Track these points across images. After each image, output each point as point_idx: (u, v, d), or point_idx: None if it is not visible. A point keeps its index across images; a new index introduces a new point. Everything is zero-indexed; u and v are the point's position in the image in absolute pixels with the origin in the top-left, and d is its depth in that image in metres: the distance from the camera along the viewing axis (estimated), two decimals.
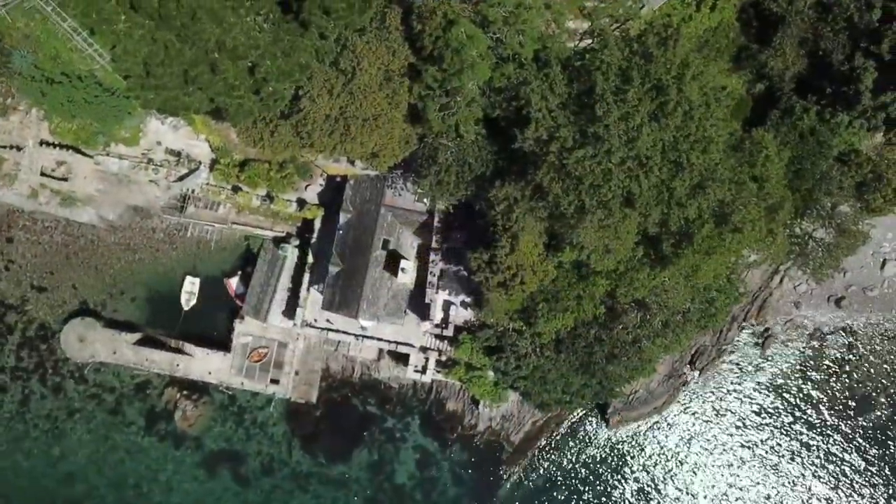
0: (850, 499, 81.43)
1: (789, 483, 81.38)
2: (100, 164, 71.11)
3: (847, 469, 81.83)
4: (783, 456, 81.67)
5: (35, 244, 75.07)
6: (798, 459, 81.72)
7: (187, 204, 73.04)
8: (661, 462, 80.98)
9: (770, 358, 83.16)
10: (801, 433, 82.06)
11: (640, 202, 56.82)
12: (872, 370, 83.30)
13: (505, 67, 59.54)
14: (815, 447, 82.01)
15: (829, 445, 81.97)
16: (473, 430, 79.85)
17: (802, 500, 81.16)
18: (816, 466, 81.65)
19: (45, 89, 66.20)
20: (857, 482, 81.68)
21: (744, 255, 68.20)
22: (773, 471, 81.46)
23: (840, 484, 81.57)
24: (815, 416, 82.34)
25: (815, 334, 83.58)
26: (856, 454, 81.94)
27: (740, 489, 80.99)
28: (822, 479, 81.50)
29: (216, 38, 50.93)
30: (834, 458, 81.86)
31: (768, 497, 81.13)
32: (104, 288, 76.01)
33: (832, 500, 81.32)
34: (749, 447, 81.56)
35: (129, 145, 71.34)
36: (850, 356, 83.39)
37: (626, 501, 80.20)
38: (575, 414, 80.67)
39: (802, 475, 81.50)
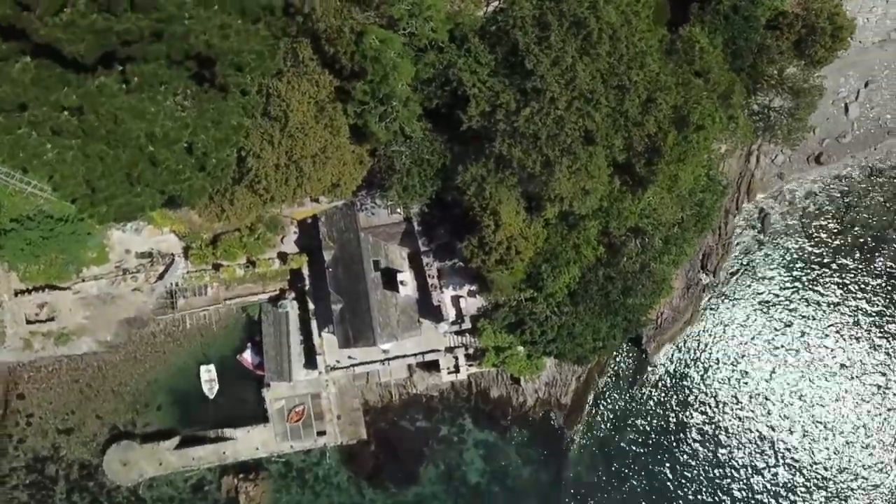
0: (887, 348, 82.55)
1: (834, 343, 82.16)
2: (79, 293, 70.68)
3: (880, 317, 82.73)
4: (817, 321, 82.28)
5: (46, 390, 74.37)
6: (833, 320, 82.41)
7: (176, 298, 72.66)
8: (709, 370, 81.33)
9: (774, 235, 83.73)
10: (827, 294, 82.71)
11: (599, 136, 57.13)
12: (873, 209, 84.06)
13: (426, 57, 59.61)
14: (844, 303, 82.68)
15: (857, 298, 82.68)
16: (524, 408, 79.95)
17: (852, 359, 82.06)
18: (853, 316, 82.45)
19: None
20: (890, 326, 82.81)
21: (714, 148, 68.62)
22: (814, 338, 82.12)
23: (875, 333, 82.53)
24: (835, 272, 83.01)
25: (808, 197, 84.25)
26: (882, 299, 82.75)
27: (793, 368, 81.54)
28: (861, 326, 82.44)
29: (145, 132, 50.46)
30: (866, 311, 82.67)
31: (818, 360, 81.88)
32: (127, 407, 75.40)
33: (873, 344, 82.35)
34: (784, 324, 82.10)
35: (100, 263, 70.91)
36: (848, 204, 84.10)
37: (693, 421, 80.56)
38: (614, 356, 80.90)
39: (840, 331, 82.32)
